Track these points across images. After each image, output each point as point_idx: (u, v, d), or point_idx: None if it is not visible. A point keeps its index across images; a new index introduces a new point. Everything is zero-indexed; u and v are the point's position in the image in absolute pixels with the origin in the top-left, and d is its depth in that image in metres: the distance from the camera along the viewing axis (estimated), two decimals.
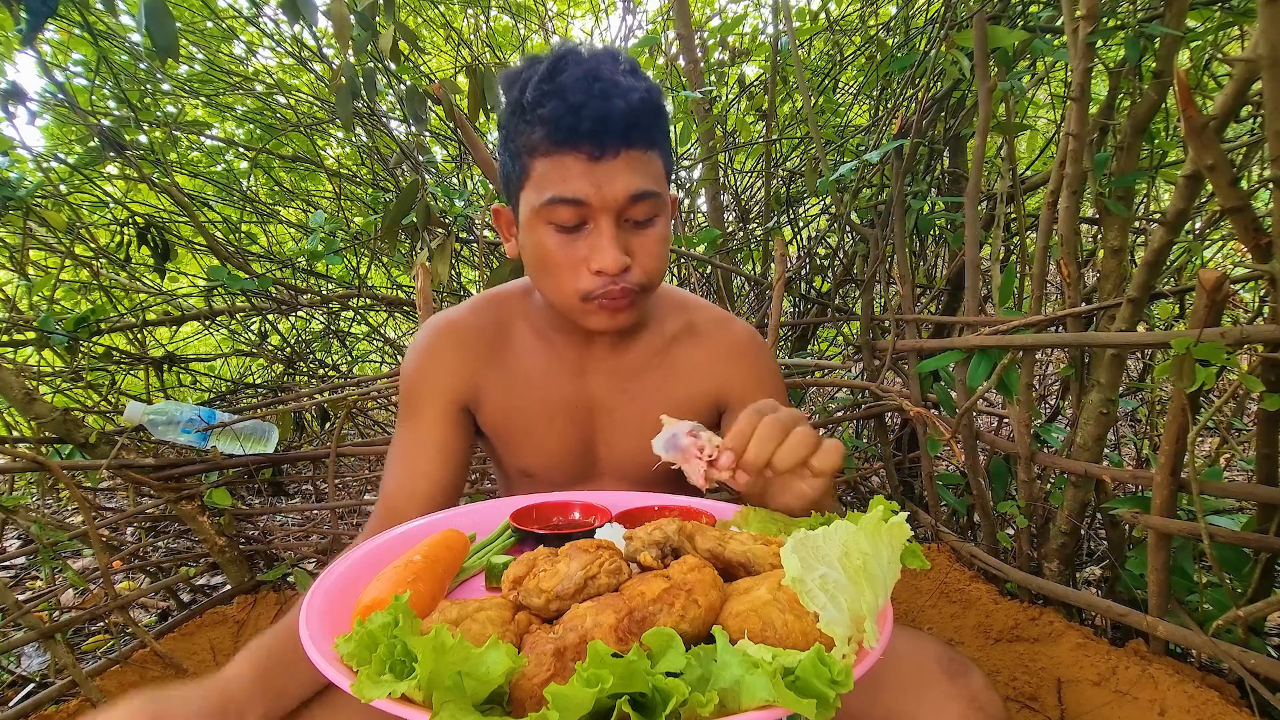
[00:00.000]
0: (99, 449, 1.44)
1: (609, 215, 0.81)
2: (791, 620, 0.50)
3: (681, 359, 1.01)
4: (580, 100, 0.77)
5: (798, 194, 2.23)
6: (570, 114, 0.77)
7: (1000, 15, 1.55)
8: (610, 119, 0.77)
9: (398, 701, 0.44)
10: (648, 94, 0.81)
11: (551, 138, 0.79)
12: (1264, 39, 0.79)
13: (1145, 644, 1.13)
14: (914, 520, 1.61)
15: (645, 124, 0.80)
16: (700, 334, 1.03)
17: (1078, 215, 1.18)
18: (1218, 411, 1.10)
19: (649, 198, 0.82)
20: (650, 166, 0.83)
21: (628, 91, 0.78)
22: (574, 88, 0.77)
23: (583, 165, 0.79)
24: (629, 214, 0.83)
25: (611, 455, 1.01)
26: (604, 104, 0.77)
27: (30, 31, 1.19)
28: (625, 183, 0.80)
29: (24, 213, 1.75)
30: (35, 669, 1.60)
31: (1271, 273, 0.89)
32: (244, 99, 2.63)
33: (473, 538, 0.79)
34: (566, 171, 0.80)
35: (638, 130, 0.79)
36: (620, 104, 0.77)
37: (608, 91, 0.77)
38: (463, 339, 0.99)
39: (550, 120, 0.78)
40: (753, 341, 1.04)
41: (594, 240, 0.82)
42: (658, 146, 0.84)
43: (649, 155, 0.82)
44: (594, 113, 0.77)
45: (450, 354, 0.99)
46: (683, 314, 1.03)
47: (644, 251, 0.85)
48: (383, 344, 2.88)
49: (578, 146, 0.78)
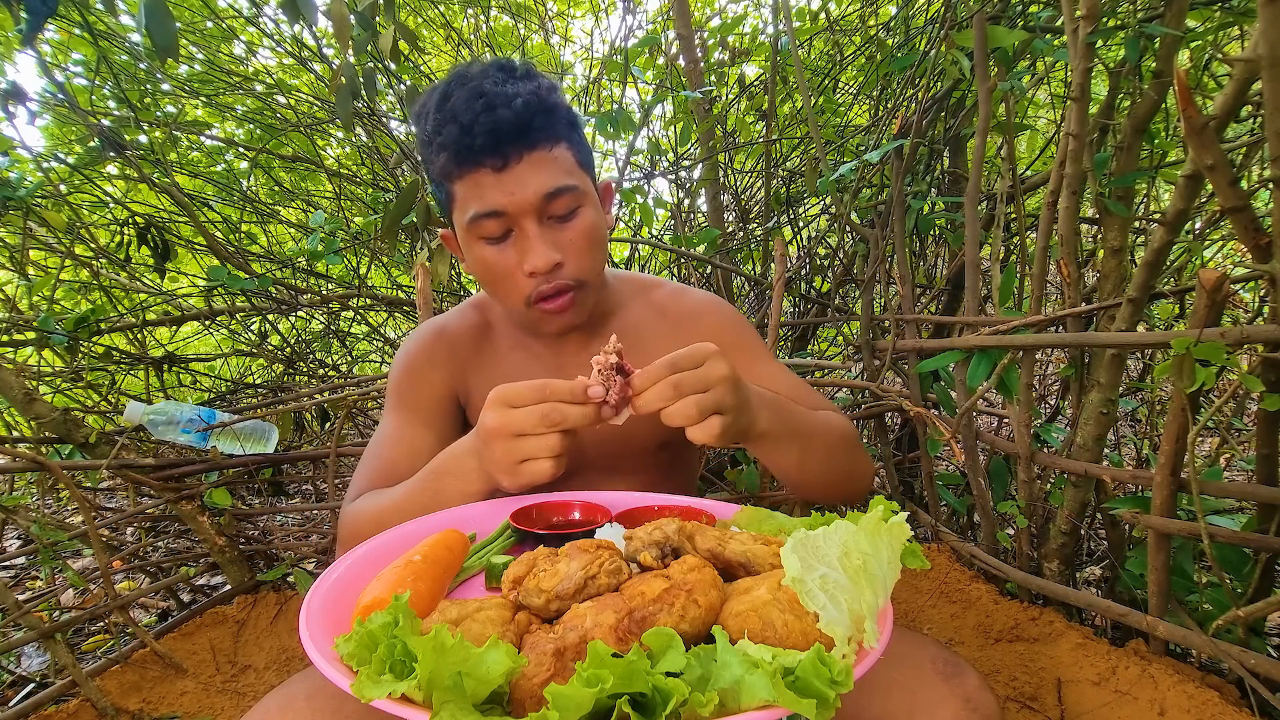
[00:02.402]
0: (99, 449, 1.44)
1: (529, 217, 0.85)
2: (791, 620, 0.50)
3: (649, 339, 1.03)
4: (470, 119, 0.81)
5: (798, 194, 2.23)
6: (464, 134, 0.81)
7: (1000, 15, 1.55)
8: (500, 129, 0.81)
9: (398, 701, 0.44)
10: (535, 95, 0.83)
11: (456, 160, 0.84)
12: (1264, 39, 0.79)
13: (1145, 644, 1.13)
14: (914, 520, 1.61)
15: (539, 124, 0.83)
16: (662, 310, 1.06)
17: (1078, 215, 1.18)
18: (1218, 411, 1.10)
19: (564, 192, 0.85)
20: (558, 162, 0.85)
21: (512, 99, 0.81)
22: (464, 109, 0.81)
23: (491, 178, 0.83)
24: (549, 211, 0.86)
25: (598, 446, 1.03)
26: (491, 117, 0.80)
27: (30, 31, 1.19)
28: (536, 184, 0.83)
29: (24, 213, 1.74)
30: (35, 669, 1.60)
31: (1271, 273, 0.89)
32: (244, 99, 2.63)
33: (473, 538, 0.79)
34: (479, 188, 0.84)
35: (533, 131, 0.82)
36: (506, 113, 0.80)
37: (493, 104, 0.81)
38: (450, 343, 1.05)
39: (451, 145, 0.83)
40: (711, 302, 1.08)
41: (521, 244, 0.86)
42: (563, 139, 0.86)
43: (554, 151, 0.85)
44: (484, 127, 0.80)
45: (439, 356, 1.04)
46: (643, 296, 1.07)
47: (572, 246, 0.88)
48: (383, 344, 2.88)
49: (481, 162, 0.82)
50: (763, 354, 1.07)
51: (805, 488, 0.95)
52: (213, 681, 1.44)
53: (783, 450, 0.85)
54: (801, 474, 0.90)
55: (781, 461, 0.87)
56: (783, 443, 0.83)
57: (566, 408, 0.71)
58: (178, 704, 1.37)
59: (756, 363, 1.03)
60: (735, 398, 0.72)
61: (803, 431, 0.86)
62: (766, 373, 1.02)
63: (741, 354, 1.03)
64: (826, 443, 0.90)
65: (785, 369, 1.05)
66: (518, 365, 1.03)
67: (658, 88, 2.19)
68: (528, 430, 0.71)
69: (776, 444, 0.83)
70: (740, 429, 0.75)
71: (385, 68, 1.93)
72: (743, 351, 1.03)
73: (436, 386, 1.03)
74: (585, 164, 0.91)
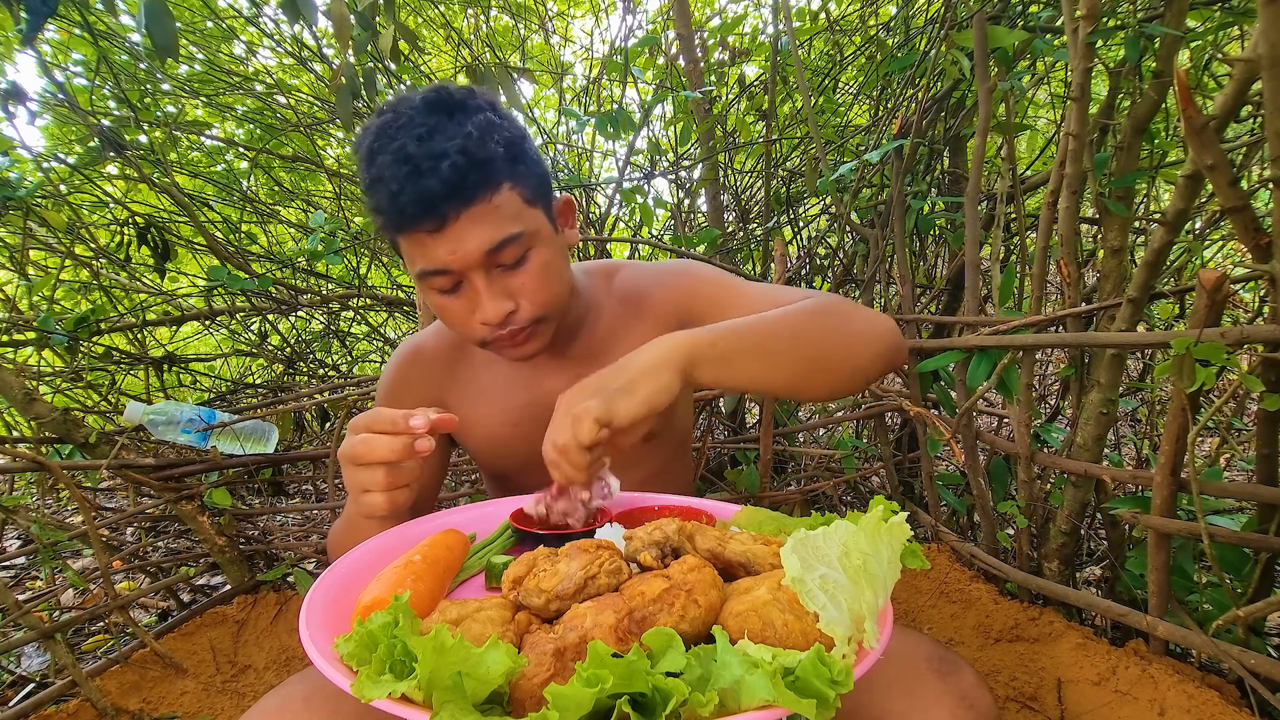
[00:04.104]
0: (99, 449, 1.44)
1: (476, 271, 0.81)
2: (791, 620, 0.50)
3: (623, 325, 1.02)
4: (398, 188, 0.76)
5: (798, 194, 2.23)
6: (393, 202, 0.77)
7: (1000, 15, 1.55)
8: (428, 197, 0.76)
9: (398, 701, 0.44)
10: (464, 150, 0.76)
11: (391, 224, 0.80)
12: (1264, 39, 0.79)
13: (1145, 644, 1.13)
14: (914, 520, 1.61)
15: (472, 180, 0.77)
16: (623, 298, 1.04)
17: (1078, 215, 1.18)
18: (1218, 411, 1.10)
19: (509, 243, 0.81)
20: (499, 211, 0.80)
21: (439, 160, 0.75)
22: (390, 175, 0.76)
23: (430, 239, 0.79)
24: (496, 262, 0.82)
25: None
26: (418, 184, 0.75)
27: (30, 31, 1.19)
28: (477, 240, 0.79)
29: (24, 213, 1.74)
30: (35, 669, 1.60)
31: (1271, 273, 0.89)
32: (244, 99, 2.63)
33: (473, 538, 0.79)
34: (421, 247, 0.80)
35: (465, 190, 0.77)
36: (432, 182, 0.75)
37: (420, 169, 0.75)
38: (427, 362, 1.05)
39: (383, 211, 0.79)
40: (657, 273, 1.05)
41: (472, 295, 0.84)
42: (505, 180, 0.80)
43: (494, 200, 0.79)
44: (413, 196, 0.76)
45: (416, 378, 1.05)
46: (609, 283, 1.05)
47: (525, 290, 0.85)
48: (383, 344, 2.88)
49: (417, 226, 0.78)
50: (727, 294, 0.98)
51: (803, 387, 0.84)
52: (213, 681, 1.44)
53: (739, 368, 0.78)
54: (780, 375, 0.81)
55: (747, 379, 0.80)
56: (733, 362, 0.77)
57: (375, 439, 0.70)
58: (178, 704, 1.37)
59: (726, 308, 0.96)
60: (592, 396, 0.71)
61: (749, 337, 0.79)
62: (734, 310, 0.94)
63: (706, 306, 0.98)
64: (796, 328, 0.81)
65: (754, 289, 0.98)
66: (494, 380, 1.03)
67: (658, 88, 2.19)
68: (358, 460, 0.71)
69: (727, 367, 0.77)
70: (630, 400, 0.70)
71: (385, 68, 1.93)
72: (706, 303, 0.99)
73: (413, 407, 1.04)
74: (534, 194, 0.84)
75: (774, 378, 0.81)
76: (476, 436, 1.04)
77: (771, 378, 0.80)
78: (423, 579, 0.62)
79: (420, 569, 0.63)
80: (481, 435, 1.04)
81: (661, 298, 1.02)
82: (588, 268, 1.07)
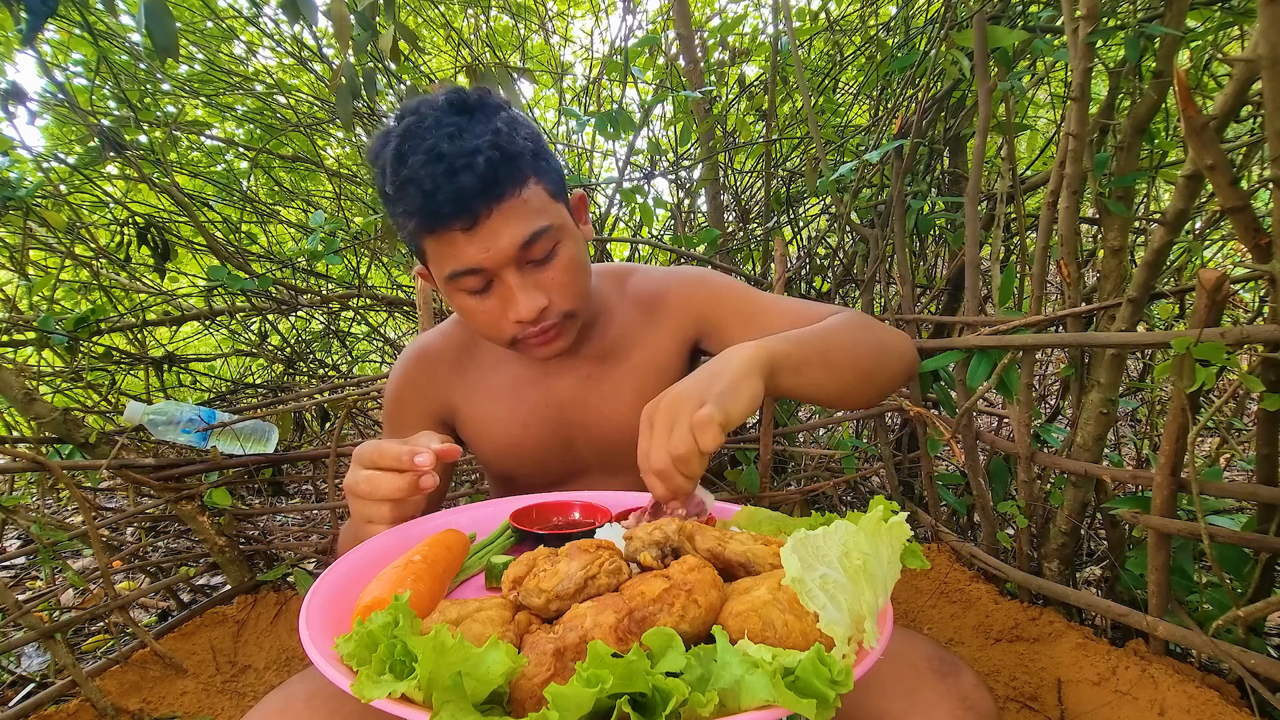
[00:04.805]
0: (99, 449, 1.44)
1: (509, 268, 0.82)
2: (791, 620, 0.50)
3: (638, 327, 1.02)
4: (432, 186, 0.77)
5: (798, 194, 2.23)
6: (428, 202, 0.78)
7: (1000, 15, 1.55)
8: (464, 194, 0.77)
9: (398, 701, 0.44)
10: (495, 145, 0.78)
11: (424, 226, 0.80)
12: (1264, 39, 0.79)
13: (1145, 644, 1.13)
14: (914, 520, 1.60)
15: (503, 176, 0.79)
16: (636, 301, 1.04)
17: (1078, 215, 1.18)
18: (1218, 411, 1.10)
19: (540, 236, 0.82)
20: (529, 204, 0.81)
21: (472, 156, 0.77)
22: (423, 174, 0.77)
23: (463, 237, 0.80)
24: (528, 257, 0.83)
25: (591, 447, 1.03)
26: (453, 182, 0.76)
27: (30, 31, 1.19)
28: (509, 235, 0.80)
29: (24, 213, 1.75)
30: (35, 669, 1.60)
31: (1271, 273, 0.89)
32: (244, 99, 2.63)
33: (473, 538, 0.79)
34: (452, 247, 0.81)
35: (497, 185, 0.78)
36: (468, 178, 0.76)
37: (454, 167, 0.76)
38: (434, 363, 1.05)
39: (415, 213, 0.79)
40: (672, 277, 1.05)
41: (504, 293, 0.84)
42: (531, 176, 0.82)
43: (524, 195, 0.81)
44: (448, 195, 0.77)
45: (424, 381, 1.04)
46: (621, 285, 1.05)
47: (556, 284, 0.86)
48: (383, 344, 2.88)
49: (450, 226, 0.79)
50: (750, 305, 1.00)
51: (850, 396, 0.87)
52: (213, 681, 1.44)
53: (808, 378, 0.80)
54: (837, 385, 0.84)
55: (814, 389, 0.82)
56: (803, 372, 0.79)
57: (379, 478, 0.70)
58: (178, 704, 1.37)
59: (749, 317, 0.98)
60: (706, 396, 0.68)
61: (815, 348, 0.81)
62: (764, 319, 0.96)
63: (728, 315, 0.99)
64: (848, 341, 0.85)
65: (780, 301, 1.00)
66: (503, 381, 1.03)
67: (658, 88, 2.18)
68: (361, 494, 0.71)
69: (799, 377, 0.78)
70: (738, 404, 0.69)
71: (385, 68, 1.93)
72: (728, 312, 0.99)
73: (421, 411, 1.04)
74: (557, 190, 0.86)
75: (832, 388, 0.84)
76: (486, 438, 1.04)
77: (830, 388, 0.84)
78: (423, 579, 0.62)
79: (420, 569, 0.63)
80: (491, 437, 1.03)
81: (678, 303, 1.02)
82: (598, 270, 1.07)
